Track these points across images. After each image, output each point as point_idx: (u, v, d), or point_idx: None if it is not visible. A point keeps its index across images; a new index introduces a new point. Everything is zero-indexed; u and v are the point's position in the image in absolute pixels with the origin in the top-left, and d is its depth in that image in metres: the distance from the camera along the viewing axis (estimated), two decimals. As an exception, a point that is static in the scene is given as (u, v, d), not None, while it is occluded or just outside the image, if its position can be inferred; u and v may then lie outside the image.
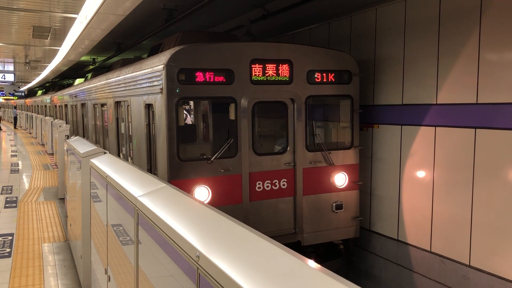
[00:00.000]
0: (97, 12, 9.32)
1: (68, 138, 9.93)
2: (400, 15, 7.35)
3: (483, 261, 6.11)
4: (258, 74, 6.83)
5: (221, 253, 2.03)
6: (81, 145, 6.86)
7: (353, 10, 8.38)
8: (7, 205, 11.25)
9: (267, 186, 6.98)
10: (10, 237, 8.63)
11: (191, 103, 8.45)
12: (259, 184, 6.92)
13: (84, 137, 14.58)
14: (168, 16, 9.59)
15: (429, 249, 6.96)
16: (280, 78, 6.97)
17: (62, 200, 11.45)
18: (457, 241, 6.47)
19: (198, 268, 2.11)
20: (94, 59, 18.69)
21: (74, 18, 11.40)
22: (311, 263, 1.84)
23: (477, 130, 6.10)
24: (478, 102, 6.09)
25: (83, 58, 17.79)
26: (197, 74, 6.43)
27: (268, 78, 6.89)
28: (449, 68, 6.51)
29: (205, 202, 6.18)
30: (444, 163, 6.66)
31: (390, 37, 7.59)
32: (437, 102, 6.72)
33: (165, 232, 2.61)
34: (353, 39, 8.54)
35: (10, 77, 28.95)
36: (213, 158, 6.59)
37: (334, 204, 7.41)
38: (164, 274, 2.78)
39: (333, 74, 7.35)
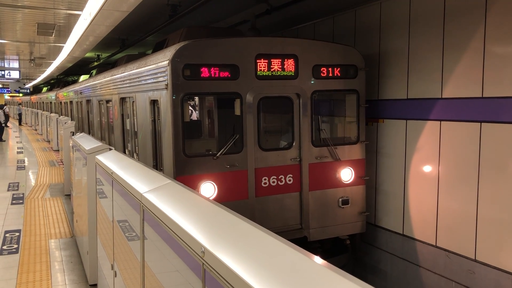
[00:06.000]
0: (101, 8, 9.33)
1: (73, 135, 9.97)
2: (405, 9, 7.31)
3: (488, 255, 6.10)
4: (264, 69, 6.78)
5: (226, 248, 2.04)
6: (87, 142, 6.88)
7: (358, 4, 8.34)
8: (14, 201, 11.33)
9: (273, 182, 6.95)
10: (17, 233, 8.69)
11: (196, 98, 8.42)
12: (265, 179, 6.90)
13: (89, 133, 14.63)
14: (172, 12, 9.59)
15: (434, 244, 6.96)
16: (285, 73, 6.92)
17: (68, 196, 11.52)
18: (462, 235, 6.46)
19: (203, 263, 2.12)
20: (98, 55, 18.71)
21: (78, 15, 11.42)
22: (316, 258, 1.85)
23: (483, 124, 6.07)
24: (483, 96, 6.06)
25: (88, 54, 17.82)
26: (202, 69, 6.39)
27: (274, 73, 6.84)
28: (454, 62, 6.48)
29: (211, 198, 6.18)
30: (449, 158, 6.64)
31: (395, 31, 7.55)
32: (442, 96, 6.69)
33: (170, 228, 2.63)
34: (357, 34, 8.50)
35: (15, 74, 29.08)
36: (218, 154, 6.57)
37: (340, 200, 7.37)
38: (169, 269, 2.80)
39: (339, 69, 7.29)
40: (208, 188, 6.52)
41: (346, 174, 7.41)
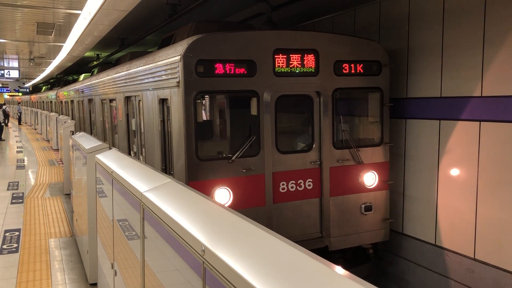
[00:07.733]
0: (100, 7, 9.34)
1: (73, 134, 9.97)
2: (404, 7, 7.32)
3: (488, 254, 6.10)
4: (282, 65, 6.31)
5: (226, 247, 2.05)
6: (87, 141, 6.88)
7: (358, 3, 8.34)
8: (13, 201, 11.33)
9: (292, 187, 6.50)
10: (17, 233, 8.70)
11: (209, 97, 7.81)
12: (283, 184, 6.43)
13: (91, 134, 14.55)
14: (171, 11, 9.58)
15: (433, 243, 6.96)
16: (305, 70, 6.45)
17: (68, 195, 11.52)
18: (461, 234, 6.46)
19: (203, 262, 2.12)
20: (98, 54, 18.72)
21: (78, 14, 11.43)
22: (315, 256, 1.85)
23: (482, 123, 6.08)
24: (482, 95, 6.06)
25: (87, 53, 17.84)
26: (216, 65, 5.95)
27: (293, 69, 6.38)
28: (455, 59, 6.49)
29: (226, 205, 5.68)
30: (449, 156, 6.65)
31: (394, 30, 7.55)
32: (441, 95, 6.70)
33: (170, 226, 2.63)
34: (357, 32, 8.50)
35: (14, 74, 29.08)
36: (234, 157, 6.11)
37: (363, 206, 6.90)
38: (170, 268, 2.80)
39: (361, 65, 6.80)
40: (223, 195, 6.09)
41: (370, 179, 6.94)
